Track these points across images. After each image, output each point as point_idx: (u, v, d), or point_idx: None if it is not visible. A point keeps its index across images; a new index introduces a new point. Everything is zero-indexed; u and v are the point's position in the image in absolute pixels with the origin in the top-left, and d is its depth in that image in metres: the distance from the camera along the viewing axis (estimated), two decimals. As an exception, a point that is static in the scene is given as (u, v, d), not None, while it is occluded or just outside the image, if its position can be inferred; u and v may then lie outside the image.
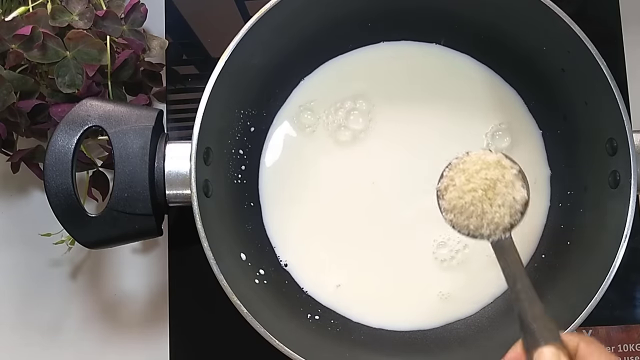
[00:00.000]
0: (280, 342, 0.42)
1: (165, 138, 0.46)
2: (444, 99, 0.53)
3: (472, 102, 0.53)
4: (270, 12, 0.46)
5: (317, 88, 0.54)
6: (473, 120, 0.53)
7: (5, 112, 0.49)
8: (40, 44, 0.48)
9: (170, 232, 0.55)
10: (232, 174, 0.51)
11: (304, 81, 0.54)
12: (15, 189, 0.57)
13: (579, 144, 0.50)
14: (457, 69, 0.54)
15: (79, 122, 0.44)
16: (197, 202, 0.43)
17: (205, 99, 0.44)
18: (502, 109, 0.53)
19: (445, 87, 0.54)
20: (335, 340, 0.48)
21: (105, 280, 0.56)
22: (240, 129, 0.51)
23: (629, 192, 0.43)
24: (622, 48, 0.57)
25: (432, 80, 0.54)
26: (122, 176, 0.44)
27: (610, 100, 0.44)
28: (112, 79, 0.52)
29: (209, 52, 0.58)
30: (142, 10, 0.54)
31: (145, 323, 0.55)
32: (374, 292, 0.51)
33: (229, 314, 0.42)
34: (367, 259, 0.51)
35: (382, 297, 0.51)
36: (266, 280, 0.49)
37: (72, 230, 0.44)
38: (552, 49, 0.48)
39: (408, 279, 0.51)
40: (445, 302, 0.50)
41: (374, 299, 0.51)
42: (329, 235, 0.52)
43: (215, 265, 0.42)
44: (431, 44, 0.54)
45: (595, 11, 0.58)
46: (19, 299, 0.56)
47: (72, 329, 0.55)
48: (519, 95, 0.54)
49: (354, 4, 0.51)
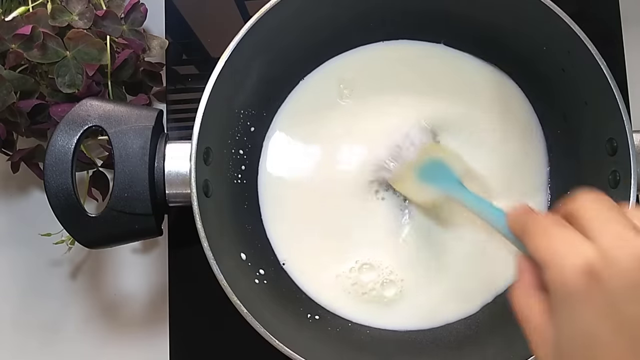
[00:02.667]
0: (280, 342, 0.42)
1: (165, 138, 0.46)
2: (444, 96, 0.53)
3: (472, 100, 0.53)
4: (270, 12, 0.46)
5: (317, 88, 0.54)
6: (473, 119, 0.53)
7: (5, 112, 0.49)
8: (40, 44, 0.48)
9: (170, 232, 0.55)
10: (232, 174, 0.51)
11: (304, 81, 0.54)
12: (15, 189, 0.57)
13: (579, 144, 0.50)
14: (459, 68, 0.54)
15: (79, 122, 0.44)
16: (197, 202, 0.43)
17: (205, 99, 0.44)
18: (502, 108, 0.53)
19: (446, 85, 0.54)
20: (335, 340, 0.48)
21: (105, 280, 0.56)
22: (240, 129, 0.51)
23: (629, 192, 0.43)
24: (622, 48, 0.57)
25: (434, 79, 0.54)
26: (122, 176, 0.44)
27: (610, 100, 0.44)
28: (112, 78, 0.52)
29: (209, 52, 0.58)
30: (142, 10, 0.54)
31: (145, 323, 0.55)
32: (374, 291, 0.51)
33: (229, 314, 0.42)
34: (367, 259, 0.51)
35: (382, 296, 0.51)
36: (266, 280, 0.49)
37: (72, 230, 0.44)
38: (552, 49, 0.48)
39: (408, 278, 0.51)
40: (445, 301, 0.50)
41: (374, 299, 0.51)
42: (329, 235, 0.52)
43: (215, 265, 0.42)
44: (432, 44, 0.54)
45: (595, 11, 0.58)
46: (19, 299, 0.56)
47: (72, 328, 0.55)
48: (523, 92, 0.54)
49: (355, 4, 0.51)
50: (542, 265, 0.29)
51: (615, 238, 0.27)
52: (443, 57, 0.54)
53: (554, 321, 0.29)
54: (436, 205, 0.51)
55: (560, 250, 0.28)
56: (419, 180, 0.50)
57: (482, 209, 0.41)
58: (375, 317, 0.50)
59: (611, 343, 0.27)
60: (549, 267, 0.28)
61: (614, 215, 0.28)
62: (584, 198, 0.30)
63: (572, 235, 0.28)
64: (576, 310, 0.27)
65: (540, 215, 0.31)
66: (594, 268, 0.27)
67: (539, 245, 0.29)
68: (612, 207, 0.29)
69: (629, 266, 0.26)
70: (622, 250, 0.27)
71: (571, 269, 0.27)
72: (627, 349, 0.27)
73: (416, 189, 0.50)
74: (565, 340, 0.28)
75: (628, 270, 0.26)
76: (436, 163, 0.50)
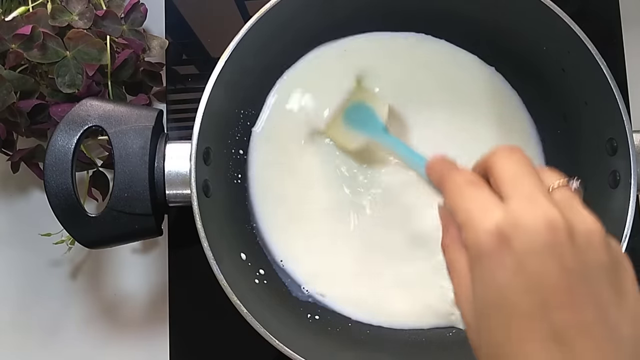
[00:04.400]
0: (280, 342, 0.42)
1: (165, 138, 0.46)
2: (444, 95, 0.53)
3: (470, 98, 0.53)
4: (270, 12, 0.46)
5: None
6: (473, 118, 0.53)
7: (5, 112, 0.49)
8: (40, 44, 0.48)
9: (170, 232, 0.56)
10: (232, 174, 0.51)
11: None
12: (15, 189, 0.57)
13: (579, 144, 0.50)
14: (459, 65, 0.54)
15: (79, 122, 0.44)
16: (197, 202, 0.43)
17: (205, 99, 0.44)
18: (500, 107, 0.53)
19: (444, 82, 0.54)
20: (335, 340, 0.48)
21: (105, 280, 0.56)
22: (240, 129, 0.51)
23: (629, 192, 0.43)
24: (622, 48, 0.57)
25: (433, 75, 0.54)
26: (122, 176, 0.44)
27: (610, 100, 0.44)
28: (112, 78, 0.52)
29: (209, 52, 0.58)
30: (142, 10, 0.54)
31: (145, 323, 0.55)
32: (373, 291, 0.51)
33: (229, 314, 0.42)
34: (367, 259, 0.51)
35: (381, 295, 0.51)
36: (266, 280, 0.49)
37: (72, 230, 0.44)
38: (552, 49, 0.48)
39: (408, 278, 0.51)
40: (446, 301, 0.50)
41: (373, 298, 0.51)
42: (327, 235, 0.52)
43: (215, 265, 0.42)
44: (436, 39, 0.54)
45: (595, 11, 0.58)
46: (19, 299, 0.56)
47: (72, 329, 0.55)
48: (518, 94, 0.53)
49: (355, 4, 0.51)
50: (459, 225, 0.30)
51: (525, 200, 0.29)
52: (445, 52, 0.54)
53: (472, 278, 0.30)
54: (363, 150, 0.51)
55: (473, 213, 0.29)
56: (346, 125, 0.51)
57: (405, 155, 0.44)
58: (375, 316, 0.50)
59: (520, 302, 0.28)
60: (464, 228, 0.30)
61: (527, 175, 0.30)
62: (498, 153, 0.31)
63: (484, 197, 0.30)
64: (488, 270, 0.29)
65: (455, 170, 0.33)
66: (504, 231, 0.28)
67: (454, 205, 0.31)
68: (525, 166, 0.30)
69: (536, 228, 0.28)
70: (530, 213, 0.28)
71: (483, 231, 0.29)
72: (536, 306, 0.27)
73: (344, 135, 0.51)
74: (479, 297, 0.29)
75: (535, 232, 0.28)
76: (361, 107, 0.51)
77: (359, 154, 0.52)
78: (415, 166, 0.41)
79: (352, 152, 0.52)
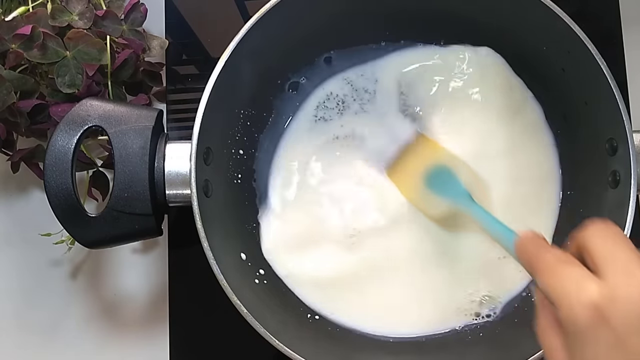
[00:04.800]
0: (280, 342, 0.42)
1: (165, 138, 0.46)
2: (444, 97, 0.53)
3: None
4: (270, 12, 0.46)
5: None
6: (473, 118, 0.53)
7: (5, 112, 0.49)
8: (40, 44, 0.48)
9: (170, 232, 0.55)
10: (232, 174, 0.51)
11: (303, 81, 0.54)
12: (15, 189, 0.57)
13: (578, 144, 0.50)
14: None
15: (79, 122, 0.44)
16: (197, 202, 0.43)
17: (205, 99, 0.44)
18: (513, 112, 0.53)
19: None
20: (335, 341, 0.48)
21: (105, 280, 0.56)
22: (240, 129, 0.51)
23: (629, 192, 0.43)
24: (622, 48, 0.57)
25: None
26: (122, 176, 0.44)
27: (610, 100, 0.44)
28: (112, 78, 0.52)
29: (209, 52, 0.58)
30: (142, 10, 0.54)
31: (145, 323, 0.55)
32: (372, 296, 0.50)
33: (229, 314, 0.42)
34: (367, 260, 0.51)
35: (381, 303, 0.50)
36: (266, 280, 0.49)
37: (72, 230, 0.44)
38: (552, 49, 0.48)
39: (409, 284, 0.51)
40: (447, 304, 0.50)
41: (372, 304, 0.50)
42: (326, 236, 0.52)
43: (215, 265, 0.42)
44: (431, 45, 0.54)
45: (595, 11, 0.58)
46: (19, 299, 0.56)
47: (72, 329, 0.55)
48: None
49: (355, 5, 0.51)
50: (553, 304, 0.30)
51: (621, 273, 0.28)
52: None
53: (570, 356, 0.30)
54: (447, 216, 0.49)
55: (568, 290, 0.29)
56: (426, 189, 0.49)
57: (492, 228, 0.41)
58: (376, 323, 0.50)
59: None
60: (559, 306, 0.29)
61: (623, 250, 0.29)
62: (592, 230, 0.31)
63: (578, 273, 0.30)
64: (587, 346, 0.28)
65: (546, 249, 0.33)
66: (600, 305, 0.28)
67: (547, 284, 0.31)
68: (622, 241, 0.30)
69: (634, 301, 0.28)
70: (627, 287, 0.28)
71: (579, 306, 0.28)
72: None
73: (426, 200, 0.49)
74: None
75: (633, 306, 0.28)
76: (442, 171, 0.49)
77: (444, 220, 0.50)
78: (503, 241, 0.38)
79: (436, 219, 0.50)
